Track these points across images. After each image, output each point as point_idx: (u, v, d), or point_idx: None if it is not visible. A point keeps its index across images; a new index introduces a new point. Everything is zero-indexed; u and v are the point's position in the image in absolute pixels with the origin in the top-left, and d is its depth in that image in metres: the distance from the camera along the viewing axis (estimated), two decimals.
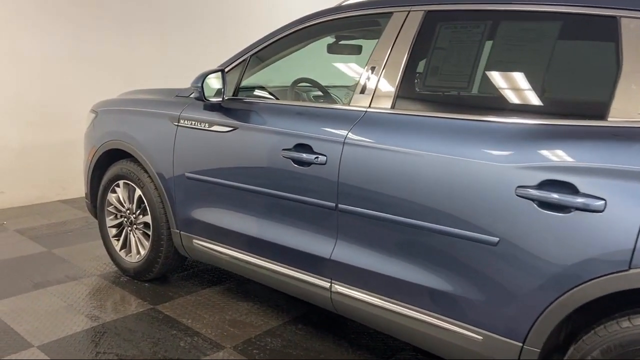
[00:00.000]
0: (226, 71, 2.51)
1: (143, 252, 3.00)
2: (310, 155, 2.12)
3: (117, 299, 2.84)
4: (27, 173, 4.54)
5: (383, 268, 1.97)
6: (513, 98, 1.84)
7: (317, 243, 2.16)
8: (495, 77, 1.87)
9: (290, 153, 2.19)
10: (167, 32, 5.34)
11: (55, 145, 4.69)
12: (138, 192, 2.94)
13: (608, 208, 1.46)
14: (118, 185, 3.06)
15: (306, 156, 2.13)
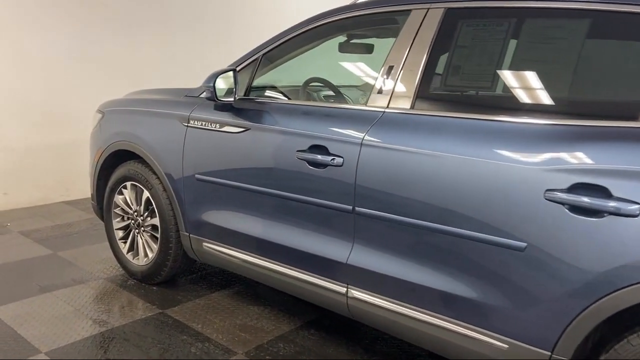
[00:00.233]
0: (237, 70, 2.46)
1: (151, 255, 2.95)
2: (326, 156, 2.07)
3: (125, 303, 2.79)
4: (31, 174, 4.49)
5: (402, 273, 1.91)
6: (540, 98, 1.78)
7: (333, 247, 2.10)
8: (520, 77, 1.81)
9: (305, 154, 2.14)
10: (172, 32, 5.28)
11: (59, 146, 4.64)
12: (146, 194, 2.88)
13: None
14: (125, 186, 3.01)
15: (322, 158, 2.08)
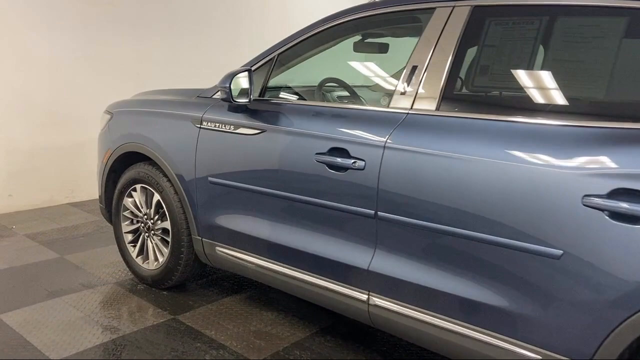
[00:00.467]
0: (252, 71, 2.39)
1: (161, 259, 2.88)
2: (346, 159, 2.00)
3: (136, 309, 2.72)
4: (36, 175, 4.43)
5: (427, 280, 1.85)
6: (576, 100, 1.72)
7: (354, 253, 2.04)
8: (554, 77, 1.74)
9: (324, 157, 2.07)
10: (178, 33, 5.22)
11: (64, 146, 4.58)
12: (156, 197, 2.82)
13: None
14: (135, 189, 2.94)
15: (342, 161, 2.01)
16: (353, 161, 1.98)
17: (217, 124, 2.48)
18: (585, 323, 1.52)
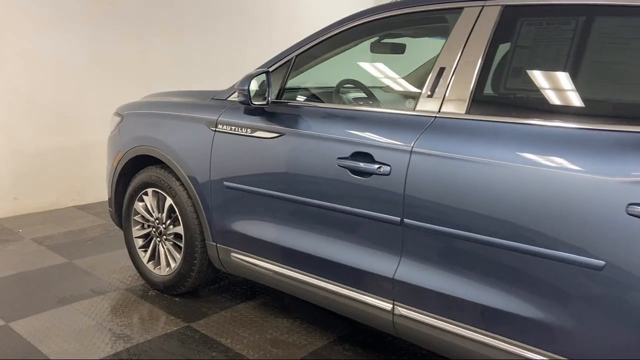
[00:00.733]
0: (270, 72, 2.32)
1: (174, 265, 2.82)
2: (371, 164, 1.94)
3: (148, 316, 2.66)
4: (41, 178, 4.36)
5: (456, 290, 1.78)
6: (616, 103, 1.65)
7: (378, 261, 1.97)
8: (592, 80, 1.68)
9: (347, 162, 2.01)
10: (184, 33, 5.15)
11: (70, 149, 4.51)
12: (169, 201, 2.75)
13: None
14: (146, 193, 2.87)
15: (366, 166, 1.95)
16: (378, 166, 1.91)
17: (233, 127, 2.41)
18: (629, 338, 1.45)
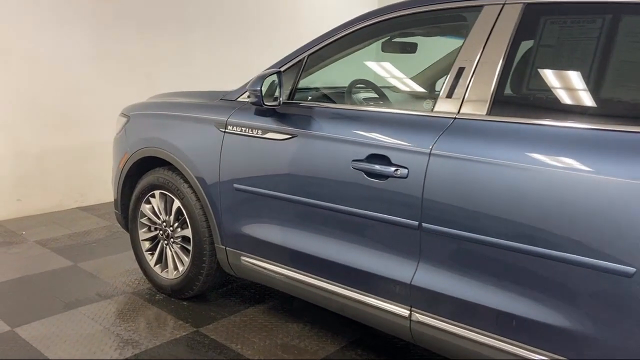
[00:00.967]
0: (282, 72, 2.27)
1: (181, 269, 2.77)
2: (387, 167, 1.89)
3: (156, 321, 2.61)
4: (44, 179, 4.31)
5: (477, 297, 1.73)
6: None
7: (395, 266, 1.92)
8: (618, 79, 1.63)
9: (362, 164, 1.96)
10: (189, 32, 5.10)
11: (73, 149, 4.46)
12: (177, 204, 2.70)
13: None
14: (153, 195, 2.82)
15: (383, 168, 1.90)
16: (395, 169, 1.86)
17: (244, 128, 2.36)
18: None
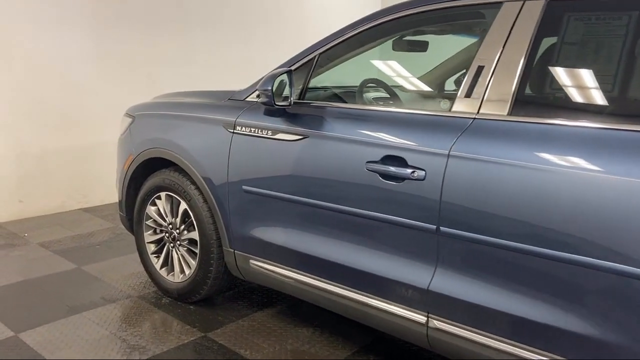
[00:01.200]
0: (293, 71, 2.21)
1: (188, 272, 2.71)
2: (403, 169, 1.83)
3: (163, 325, 2.55)
4: (47, 180, 4.25)
5: (497, 303, 1.67)
6: None
7: (411, 271, 1.87)
8: None
9: (377, 166, 1.90)
10: (192, 32, 5.04)
11: (75, 149, 4.40)
12: (183, 206, 2.64)
13: None
14: (159, 197, 2.77)
15: (399, 170, 1.84)
16: (412, 171, 1.80)
17: (253, 129, 2.30)
18: None
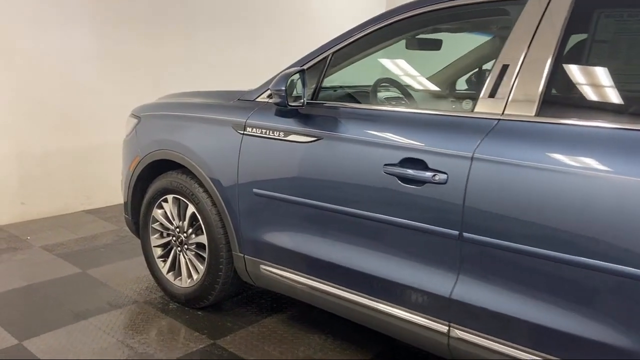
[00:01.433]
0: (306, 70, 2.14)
1: (196, 277, 2.64)
2: (423, 172, 1.76)
3: (171, 332, 2.48)
4: (49, 181, 4.17)
5: (524, 313, 1.60)
6: None
7: (432, 278, 1.79)
8: None
9: (395, 169, 1.83)
10: (196, 31, 4.96)
11: (78, 150, 4.32)
12: (191, 209, 2.57)
13: None
14: (166, 200, 2.70)
15: (419, 173, 1.77)
16: (433, 174, 1.73)
17: (264, 130, 2.23)
18: None
